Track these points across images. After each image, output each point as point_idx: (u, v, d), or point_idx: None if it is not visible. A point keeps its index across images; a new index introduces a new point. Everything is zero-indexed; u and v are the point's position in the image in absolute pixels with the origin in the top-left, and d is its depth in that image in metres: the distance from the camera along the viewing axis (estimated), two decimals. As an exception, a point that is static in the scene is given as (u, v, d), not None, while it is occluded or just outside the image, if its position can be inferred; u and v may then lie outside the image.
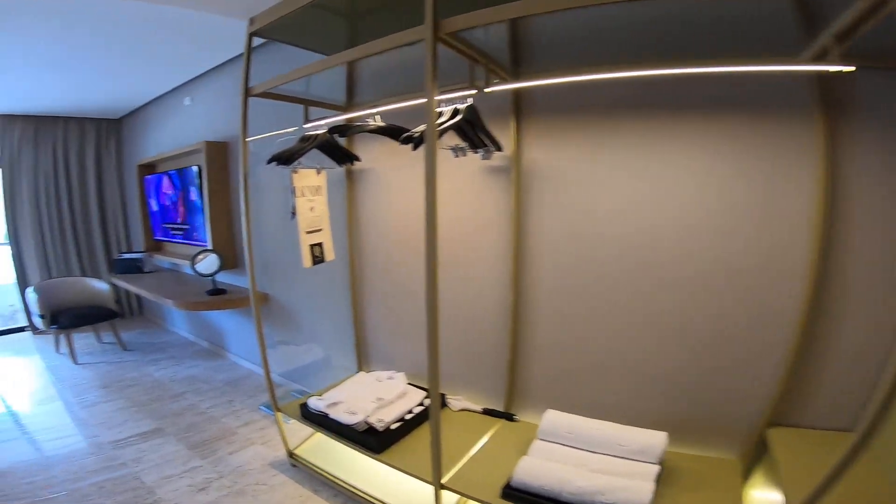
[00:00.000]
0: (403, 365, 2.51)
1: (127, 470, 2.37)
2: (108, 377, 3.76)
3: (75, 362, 4.05)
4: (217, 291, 3.50)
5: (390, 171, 2.45)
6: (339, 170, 2.55)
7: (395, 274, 2.50)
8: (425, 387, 2.22)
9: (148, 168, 4.73)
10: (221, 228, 3.69)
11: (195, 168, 3.80)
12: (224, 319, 4.11)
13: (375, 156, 2.48)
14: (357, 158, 2.47)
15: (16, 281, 4.97)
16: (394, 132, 2.06)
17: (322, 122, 2.19)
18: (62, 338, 4.26)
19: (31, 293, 4.14)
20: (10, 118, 4.82)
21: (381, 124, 2.14)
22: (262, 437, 2.71)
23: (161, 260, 4.55)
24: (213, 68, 3.64)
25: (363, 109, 2.14)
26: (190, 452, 2.55)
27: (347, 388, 2.32)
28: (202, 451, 2.57)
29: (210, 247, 3.63)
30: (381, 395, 2.14)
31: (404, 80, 2.22)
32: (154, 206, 4.64)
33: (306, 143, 2.11)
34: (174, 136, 4.34)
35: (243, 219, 2.13)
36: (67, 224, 5.19)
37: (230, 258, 3.69)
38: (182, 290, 3.75)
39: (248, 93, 2.01)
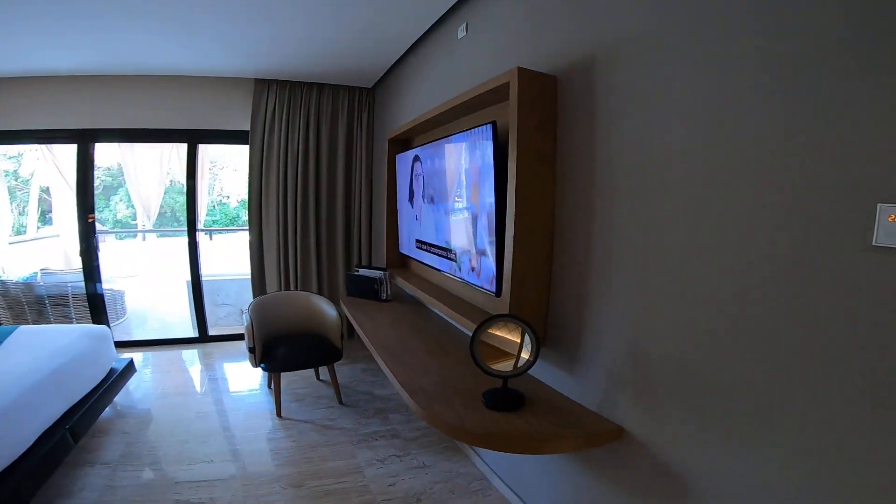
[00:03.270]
0: None
1: None
2: (305, 460, 2.49)
3: (279, 415, 2.94)
4: (508, 399, 1.47)
5: None
6: None
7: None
8: None
9: (400, 144, 3.12)
10: (536, 259, 1.64)
11: (484, 132, 1.82)
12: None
13: None
14: None
15: (251, 278, 4.11)
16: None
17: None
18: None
19: (245, 316, 2.96)
20: (265, 84, 3.89)
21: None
22: None
23: (406, 286, 2.87)
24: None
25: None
26: None
27: None
28: None
29: (507, 302, 1.61)
30: None
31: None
32: (407, 204, 2.97)
33: None
34: (441, 88, 2.59)
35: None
36: (311, 218, 4.11)
37: (543, 326, 1.63)
38: (429, 367, 1.88)
39: None
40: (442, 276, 2.52)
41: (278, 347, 2.95)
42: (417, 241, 2.75)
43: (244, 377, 3.59)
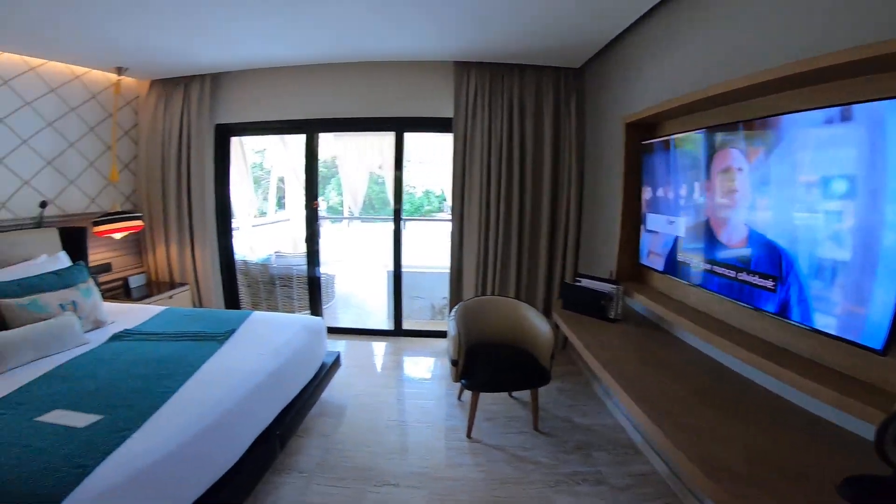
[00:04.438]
0: None
1: None
2: (493, 500, 2.15)
3: (468, 435, 2.65)
4: None
5: None
6: None
7: None
8: None
9: (644, 129, 2.46)
10: None
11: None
12: None
13: None
14: None
15: (449, 274, 3.92)
16: None
17: None
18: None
19: (451, 324, 2.68)
20: (464, 67, 3.61)
21: None
22: None
23: (656, 308, 2.23)
24: None
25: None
26: None
27: None
28: None
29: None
30: None
31: None
32: (660, 203, 2.31)
33: None
34: (718, 60, 1.86)
35: None
36: (514, 215, 3.73)
37: None
38: (717, 430, 1.25)
39: None
40: (717, 301, 1.83)
41: (479, 361, 2.62)
42: (669, 247, 2.08)
43: (435, 382, 3.41)
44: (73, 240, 3.25)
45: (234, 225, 4.36)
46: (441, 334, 4.21)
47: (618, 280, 2.60)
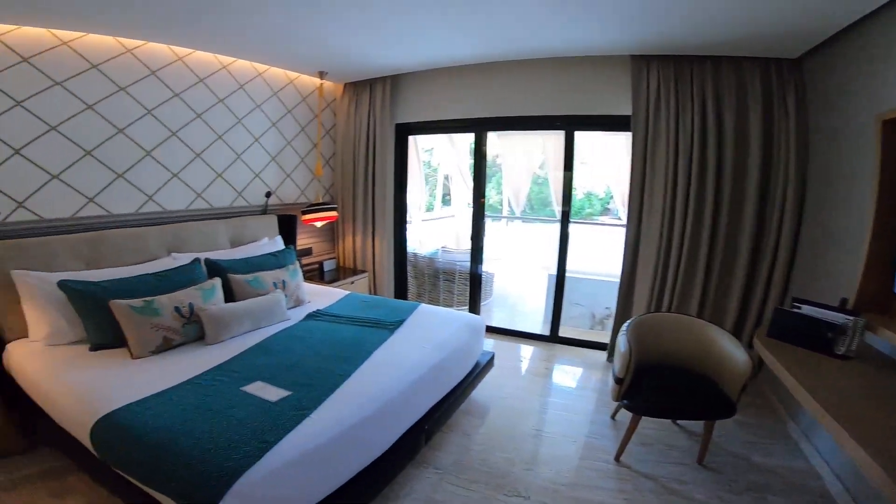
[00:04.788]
0: None
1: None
2: None
3: (616, 458, 2.43)
4: None
5: None
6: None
7: None
8: None
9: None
10: None
11: None
12: None
13: None
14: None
15: (619, 282, 3.62)
16: None
17: None
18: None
19: (621, 339, 2.44)
20: (643, 61, 3.24)
21: None
22: None
23: (887, 343, 1.70)
24: None
25: None
26: None
27: None
28: None
29: None
30: None
31: None
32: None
33: None
34: None
35: None
36: (706, 223, 3.26)
37: None
38: None
39: None
40: None
41: (648, 383, 2.36)
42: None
43: (586, 396, 3.18)
44: (287, 226, 3.87)
45: (407, 219, 4.70)
46: (599, 346, 3.94)
47: (856, 310, 2.06)
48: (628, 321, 2.64)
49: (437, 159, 7.17)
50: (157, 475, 1.50)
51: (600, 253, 5.21)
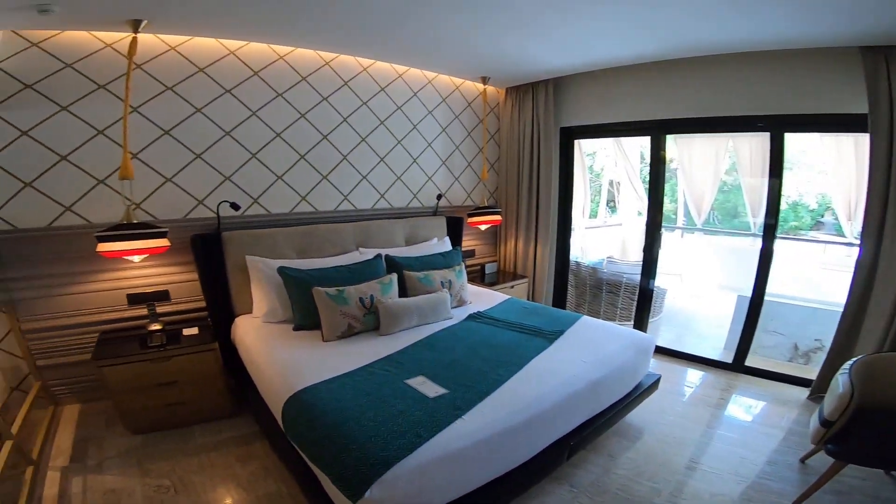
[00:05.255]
0: None
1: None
2: None
3: None
4: None
5: None
6: None
7: None
8: None
9: None
10: None
11: None
12: None
13: None
14: None
15: (843, 311, 2.92)
16: None
17: None
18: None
19: (841, 379, 1.91)
20: (878, 53, 2.50)
21: None
22: None
23: None
24: None
25: None
26: None
27: None
28: None
29: None
30: None
31: None
32: None
33: None
34: None
35: None
36: None
37: None
38: None
39: None
40: None
41: (865, 428, 1.87)
42: None
43: (766, 433, 2.67)
44: (454, 227, 4.00)
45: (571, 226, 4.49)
46: (798, 381, 3.28)
47: None
48: (853, 360, 2.10)
49: (600, 164, 6.76)
50: (324, 455, 1.59)
51: (810, 274, 4.29)
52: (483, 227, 4.19)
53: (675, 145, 5.29)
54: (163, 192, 2.79)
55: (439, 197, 4.07)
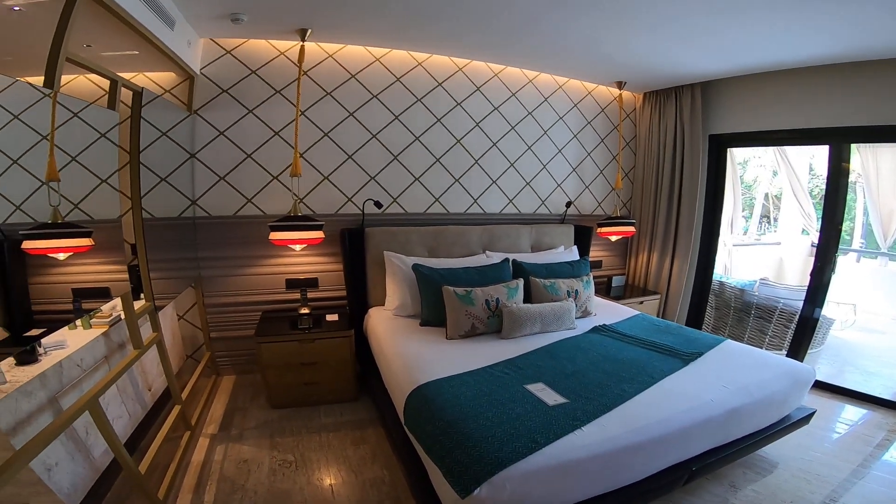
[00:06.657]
0: None
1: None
2: None
3: None
4: None
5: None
6: None
7: None
8: None
9: None
10: None
11: None
12: None
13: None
14: None
15: None
16: None
17: None
18: None
19: None
20: None
21: None
22: None
23: None
24: None
25: None
26: None
27: None
28: None
29: None
30: None
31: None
32: None
33: None
34: None
35: None
36: None
37: None
38: None
39: None
40: None
41: None
42: None
43: None
44: (582, 237, 3.85)
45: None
46: None
47: None
48: None
49: (752, 174, 5.99)
50: (439, 448, 1.63)
51: None
52: (613, 238, 3.97)
53: (856, 156, 4.50)
54: (321, 188, 3.15)
55: (568, 204, 3.96)
